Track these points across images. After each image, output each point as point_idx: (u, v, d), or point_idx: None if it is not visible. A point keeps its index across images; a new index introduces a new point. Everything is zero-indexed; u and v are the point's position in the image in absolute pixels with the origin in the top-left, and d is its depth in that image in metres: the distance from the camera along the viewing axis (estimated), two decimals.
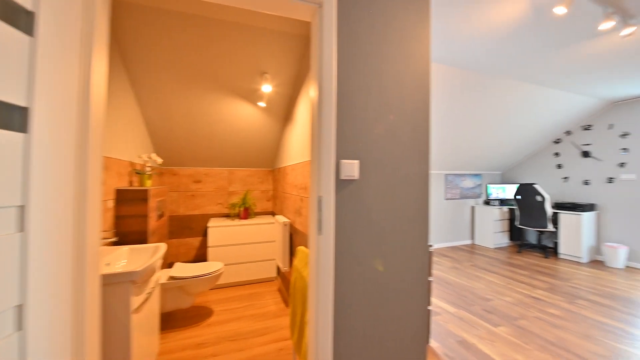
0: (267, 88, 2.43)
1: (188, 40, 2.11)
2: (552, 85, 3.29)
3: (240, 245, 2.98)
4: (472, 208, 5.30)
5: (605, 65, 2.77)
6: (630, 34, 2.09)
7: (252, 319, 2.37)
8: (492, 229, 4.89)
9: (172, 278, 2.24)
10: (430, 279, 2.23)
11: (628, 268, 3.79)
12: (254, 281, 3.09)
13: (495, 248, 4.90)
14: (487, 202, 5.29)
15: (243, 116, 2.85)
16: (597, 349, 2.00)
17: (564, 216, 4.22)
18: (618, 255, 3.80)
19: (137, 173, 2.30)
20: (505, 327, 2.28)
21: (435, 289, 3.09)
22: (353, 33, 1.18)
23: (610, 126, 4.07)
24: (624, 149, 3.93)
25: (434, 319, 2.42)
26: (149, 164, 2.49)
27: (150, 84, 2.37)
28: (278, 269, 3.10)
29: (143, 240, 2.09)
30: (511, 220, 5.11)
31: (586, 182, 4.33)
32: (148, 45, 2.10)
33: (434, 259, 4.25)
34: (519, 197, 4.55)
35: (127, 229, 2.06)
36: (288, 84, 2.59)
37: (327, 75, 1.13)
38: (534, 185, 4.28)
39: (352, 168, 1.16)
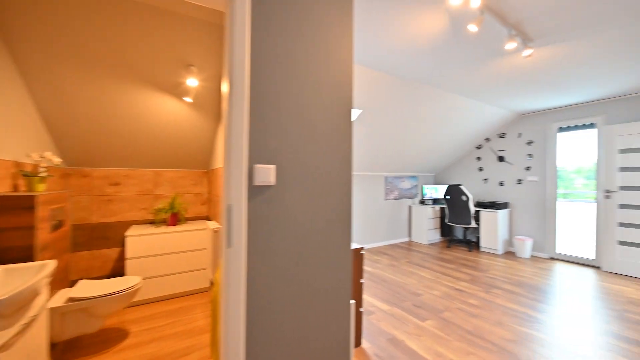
0: (193, 82, 2.22)
1: (92, 23, 1.80)
2: (472, 96, 3.65)
3: (167, 255, 2.68)
4: (410, 207, 5.66)
5: (511, 82, 3.16)
6: (529, 55, 2.39)
7: (175, 338, 2.13)
8: (426, 227, 5.28)
9: (71, 300, 1.89)
10: (362, 280, 2.26)
11: (533, 257, 4.41)
12: (184, 294, 2.81)
13: (429, 244, 5.30)
14: (422, 202, 5.70)
15: (168, 111, 2.57)
16: (507, 334, 2.24)
17: (484, 214, 4.75)
18: (525, 247, 4.40)
19: (24, 176, 1.89)
20: (432, 321, 2.43)
21: (372, 287, 3.19)
22: (270, 28, 1.09)
23: (519, 135, 4.70)
24: (530, 154, 4.57)
25: (368, 318, 2.47)
26: (44, 164, 2.07)
27: (47, 73, 1.98)
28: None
29: (29, 258, 1.72)
30: (442, 218, 5.59)
31: (501, 183, 4.93)
32: (41, 31, 1.74)
33: (374, 257, 4.42)
34: (448, 197, 4.99)
35: (5, 245, 1.67)
36: (217, 79, 2.40)
37: (239, 71, 1.02)
38: (460, 186, 4.73)
39: (267, 173, 1.07)
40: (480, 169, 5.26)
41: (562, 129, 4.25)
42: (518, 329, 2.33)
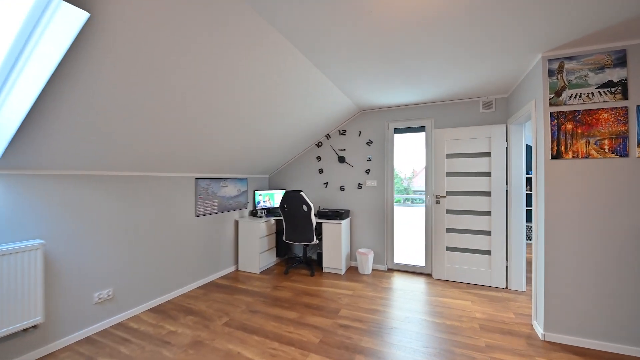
0: None
1: None
2: (306, 50, 2.42)
3: None
4: (236, 223, 4.00)
5: (354, 49, 2.15)
6: None
7: None
8: (258, 248, 3.79)
9: None
10: None
11: (374, 272, 3.87)
12: None
13: (262, 272, 3.85)
14: (255, 213, 4.19)
15: None
16: None
17: (327, 226, 3.82)
18: (368, 261, 3.78)
19: None
20: None
21: None
22: None
23: (360, 133, 4.11)
24: (369, 156, 4.05)
25: None
26: None
27: None
28: None
29: None
30: (278, 233, 4.30)
31: (342, 188, 4.21)
32: None
33: (165, 324, 2.40)
34: (285, 206, 3.72)
35: None
36: None
37: None
38: (301, 193, 3.56)
39: None
40: (321, 171, 4.38)
41: (397, 130, 3.95)
42: None
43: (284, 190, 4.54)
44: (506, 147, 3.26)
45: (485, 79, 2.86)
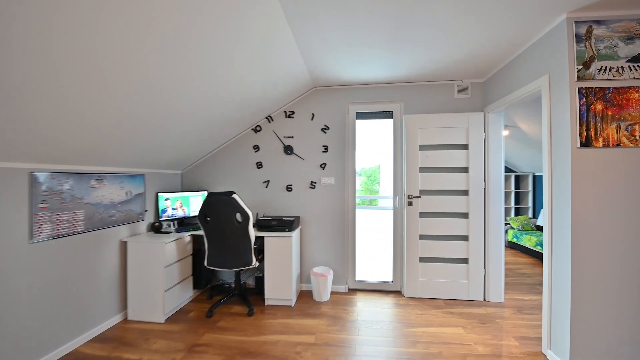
0: None
1: None
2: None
3: None
4: (123, 245, 2.51)
5: None
6: None
7: None
8: (162, 283, 2.43)
9: None
10: None
11: (333, 296, 2.97)
12: None
13: (170, 320, 2.49)
14: (157, 228, 2.76)
15: None
16: None
17: (270, 241, 2.73)
18: (326, 284, 2.86)
19: None
20: None
21: None
22: None
23: (313, 116, 3.17)
24: (325, 147, 3.15)
25: None
26: None
27: None
28: None
29: None
30: (196, 254, 2.97)
31: (289, 188, 3.19)
32: None
33: None
34: (208, 216, 2.48)
35: None
36: None
37: None
38: (233, 196, 2.39)
39: None
40: (260, 165, 3.25)
41: (361, 116, 3.17)
42: None
43: (206, 193, 3.23)
44: (484, 139, 2.84)
45: (472, 50, 2.31)
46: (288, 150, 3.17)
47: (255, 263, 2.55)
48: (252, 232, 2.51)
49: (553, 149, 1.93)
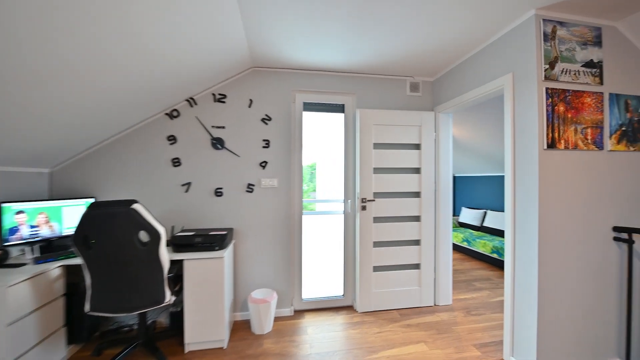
0: None
1: None
2: None
3: None
4: None
5: None
6: None
7: None
8: (5, 348, 1.47)
9: None
10: None
11: (277, 322, 2.43)
12: None
13: None
14: (0, 259, 1.73)
15: None
16: None
17: (193, 264, 2.03)
18: (270, 312, 2.31)
19: None
20: None
21: None
22: None
23: (250, 103, 2.56)
24: (266, 141, 2.58)
25: None
26: None
27: None
28: None
29: None
30: (72, 296, 2.00)
31: (218, 192, 2.50)
32: None
33: None
34: (91, 237, 1.64)
35: None
36: None
37: None
38: (134, 207, 1.63)
39: None
40: (177, 162, 2.45)
41: (309, 107, 2.71)
42: None
43: (90, 201, 2.27)
44: (435, 139, 2.75)
45: (433, 41, 2.14)
46: (217, 144, 2.48)
47: (169, 299, 1.82)
48: (165, 256, 1.77)
49: (517, 150, 1.86)
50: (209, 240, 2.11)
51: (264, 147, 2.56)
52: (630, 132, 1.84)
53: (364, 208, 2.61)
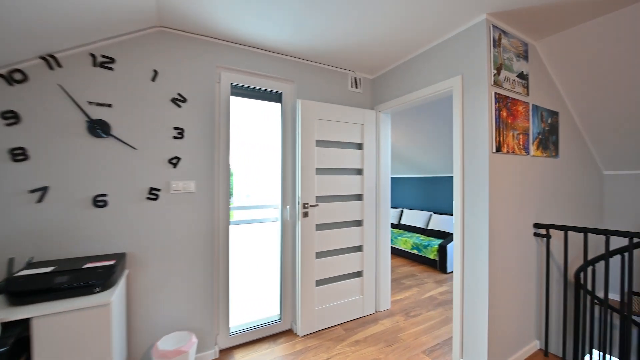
0: None
1: None
2: None
3: None
4: None
5: None
6: None
7: None
8: None
9: None
10: None
11: None
12: None
13: None
14: None
15: None
16: None
17: (49, 324, 1.24)
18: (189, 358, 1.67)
19: None
20: None
21: None
22: None
23: (155, 75, 1.83)
24: (179, 130, 1.90)
25: None
26: None
27: None
28: None
29: None
30: None
31: (100, 201, 1.68)
32: None
33: None
34: None
35: None
36: None
37: None
38: None
39: None
40: (20, 155, 1.51)
41: (238, 91, 2.16)
42: None
43: None
44: (375, 139, 2.64)
45: (377, 34, 1.98)
46: (99, 129, 1.66)
47: None
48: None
49: (466, 153, 1.85)
50: (83, 278, 1.35)
51: (175, 137, 1.88)
52: (544, 140, 2.09)
53: (305, 215, 2.25)
